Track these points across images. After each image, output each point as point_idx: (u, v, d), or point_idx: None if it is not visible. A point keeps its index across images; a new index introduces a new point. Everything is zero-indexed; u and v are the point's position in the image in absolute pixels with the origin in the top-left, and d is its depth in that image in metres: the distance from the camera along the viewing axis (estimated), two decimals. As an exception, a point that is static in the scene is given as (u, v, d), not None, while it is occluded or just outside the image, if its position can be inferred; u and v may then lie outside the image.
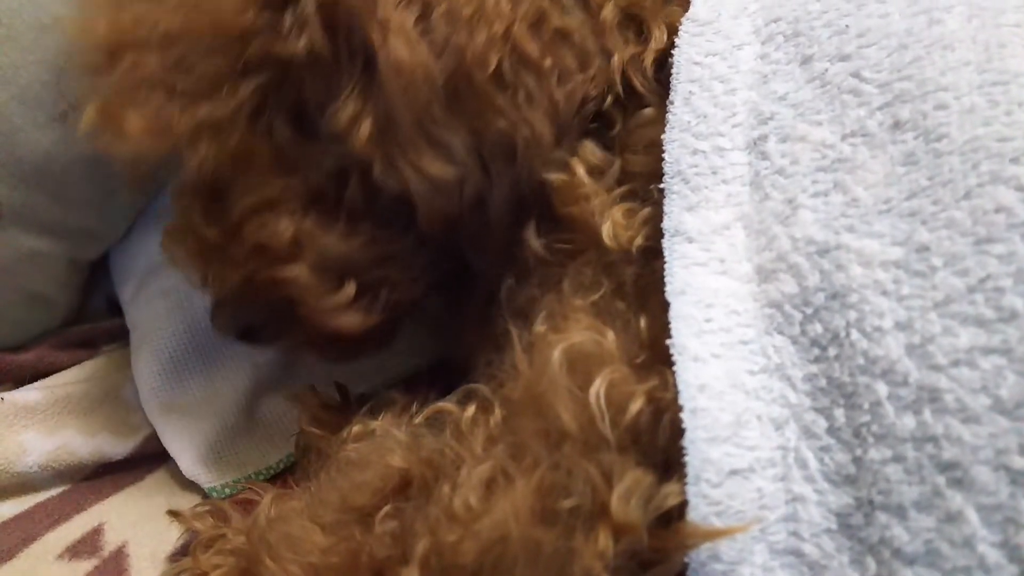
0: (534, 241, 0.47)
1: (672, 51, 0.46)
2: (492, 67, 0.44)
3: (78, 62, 0.51)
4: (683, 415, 0.34)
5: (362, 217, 0.49)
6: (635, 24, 0.49)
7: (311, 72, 0.46)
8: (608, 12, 0.47)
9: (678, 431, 0.35)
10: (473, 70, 0.44)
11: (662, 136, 0.43)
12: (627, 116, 0.48)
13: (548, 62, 0.45)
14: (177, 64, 0.46)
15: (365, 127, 0.45)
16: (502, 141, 0.46)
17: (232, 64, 0.46)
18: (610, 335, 0.39)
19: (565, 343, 0.39)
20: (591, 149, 0.47)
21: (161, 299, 0.62)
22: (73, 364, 0.64)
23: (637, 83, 0.47)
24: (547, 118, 0.46)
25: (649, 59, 0.47)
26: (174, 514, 0.49)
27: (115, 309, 0.68)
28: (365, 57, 0.45)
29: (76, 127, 0.57)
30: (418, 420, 0.48)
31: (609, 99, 0.47)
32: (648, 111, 0.47)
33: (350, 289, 0.50)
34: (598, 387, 0.37)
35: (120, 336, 0.66)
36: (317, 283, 0.49)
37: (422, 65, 0.44)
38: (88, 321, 0.68)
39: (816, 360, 0.35)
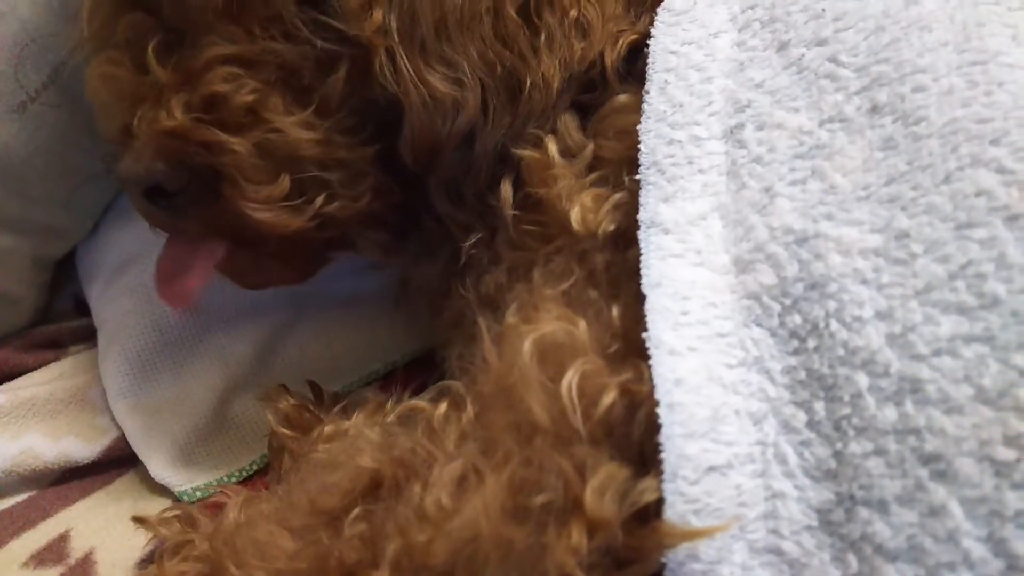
0: (508, 207, 0.47)
1: (648, 39, 0.45)
2: (523, 2, 0.45)
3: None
4: (659, 410, 0.33)
5: (329, 113, 0.47)
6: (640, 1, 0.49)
7: None
8: None
9: (654, 426, 0.33)
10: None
11: (635, 124, 0.43)
12: (603, 98, 0.47)
13: (575, 11, 0.46)
14: None
15: (377, 15, 0.44)
16: (510, 77, 0.46)
17: None
18: (582, 325, 0.38)
19: (535, 334, 0.38)
20: (571, 123, 0.47)
21: (129, 296, 0.61)
22: (39, 366, 0.62)
23: (611, 68, 0.47)
24: (561, 67, 0.46)
25: (625, 43, 0.47)
26: (140, 521, 0.47)
27: (83, 309, 0.66)
28: None
29: (36, 118, 0.56)
30: (390, 419, 0.47)
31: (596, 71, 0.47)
32: (622, 98, 0.46)
33: (284, 184, 0.46)
34: (570, 379, 0.36)
35: (88, 337, 0.64)
36: (254, 164, 0.46)
37: None
38: (55, 321, 0.66)
39: (795, 352, 0.34)
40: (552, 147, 0.46)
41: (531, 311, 0.39)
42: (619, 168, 0.44)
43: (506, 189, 0.47)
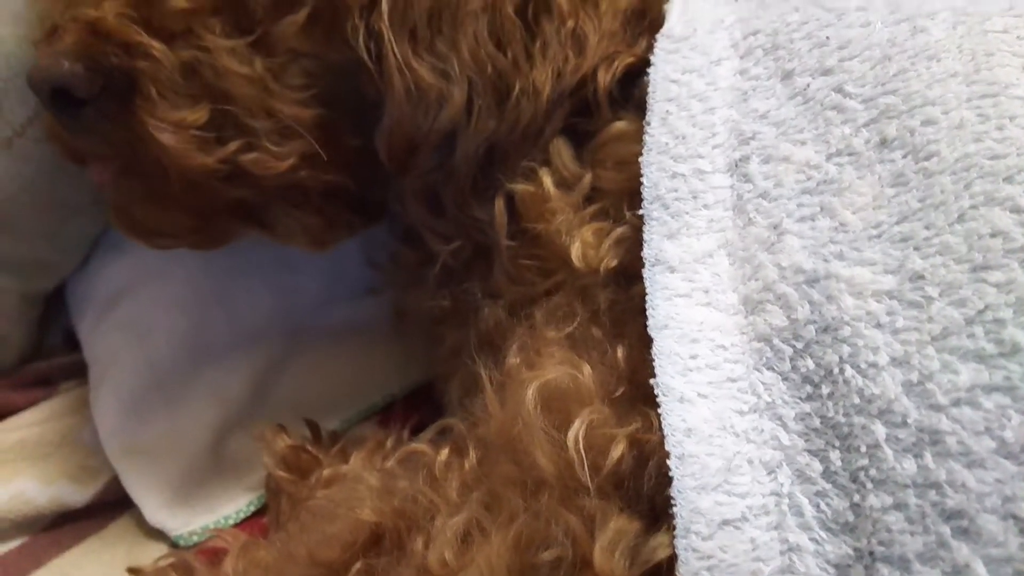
0: (503, 235, 0.45)
1: (645, 64, 0.44)
2: (522, 3, 0.43)
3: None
4: (670, 462, 0.32)
5: (271, 54, 0.44)
6: (640, 20, 0.47)
7: None
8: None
9: (664, 478, 0.32)
10: None
11: (635, 154, 0.41)
12: (598, 124, 0.46)
13: (572, 22, 0.44)
14: None
15: None
16: (499, 80, 0.44)
17: None
18: (586, 369, 0.37)
19: (539, 380, 0.37)
20: (564, 152, 0.45)
21: (120, 332, 0.59)
22: (29, 405, 0.61)
23: (603, 89, 0.45)
24: (552, 78, 0.44)
25: (621, 65, 0.46)
26: (135, 572, 0.46)
27: (73, 342, 0.65)
28: None
29: (22, 154, 0.55)
30: (391, 462, 0.45)
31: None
32: (620, 125, 0.45)
33: (202, 112, 0.43)
34: (577, 430, 0.35)
35: (79, 373, 0.63)
36: (174, 81, 0.42)
37: None
38: (45, 357, 0.65)
39: (809, 398, 0.33)
40: (547, 180, 0.44)
41: (533, 355, 0.38)
42: (619, 200, 0.43)
43: (500, 213, 0.45)
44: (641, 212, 0.40)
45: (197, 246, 0.52)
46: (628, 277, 0.41)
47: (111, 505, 0.56)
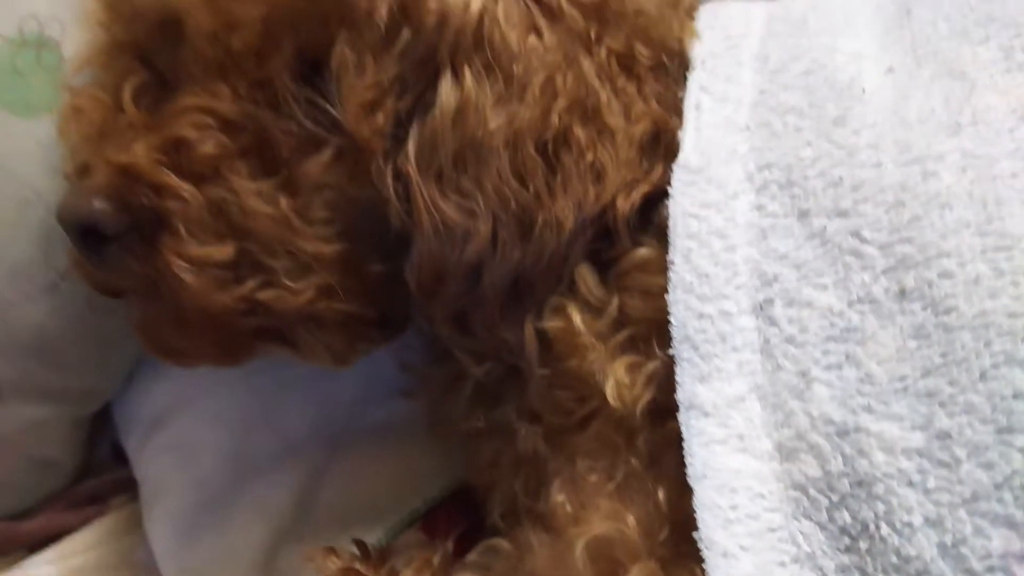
0: (535, 364, 0.46)
1: (662, 192, 0.46)
2: (542, 140, 0.45)
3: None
4: (718, 622, 0.34)
5: (296, 194, 0.45)
6: (655, 148, 0.48)
7: (352, 38, 0.43)
8: (642, 128, 0.47)
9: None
10: (525, 136, 0.44)
11: (659, 285, 0.43)
12: (620, 250, 0.47)
13: (591, 155, 0.46)
14: None
15: (380, 118, 0.44)
16: (523, 213, 0.45)
17: None
18: (631, 520, 0.39)
19: (587, 536, 0.38)
20: (589, 278, 0.47)
21: (167, 453, 0.62)
22: (83, 525, 0.63)
23: (621, 217, 0.47)
24: (574, 209, 0.45)
25: (639, 194, 0.47)
26: None
27: (121, 456, 0.67)
28: (431, 71, 0.44)
29: (67, 295, 0.57)
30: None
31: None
32: (643, 252, 0.46)
33: (227, 250, 0.44)
34: None
35: (129, 487, 0.65)
36: (201, 220, 0.44)
37: (483, 112, 0.43)
38: (94, 472, 0.67)
39: (847, 550, 0.35)
40: (576, 316, 0.45)
41: (579, 508, 0.40)
42: (648, 330, 0.44)
43: (531, 341, 0.47)
44: (671, 352, 0.42)
45: (222, 365, 0.53)
46: (662, 412, 0.43)
47: (171, 628, 0.58)
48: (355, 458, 0.63)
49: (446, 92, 0.43)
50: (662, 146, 0.48)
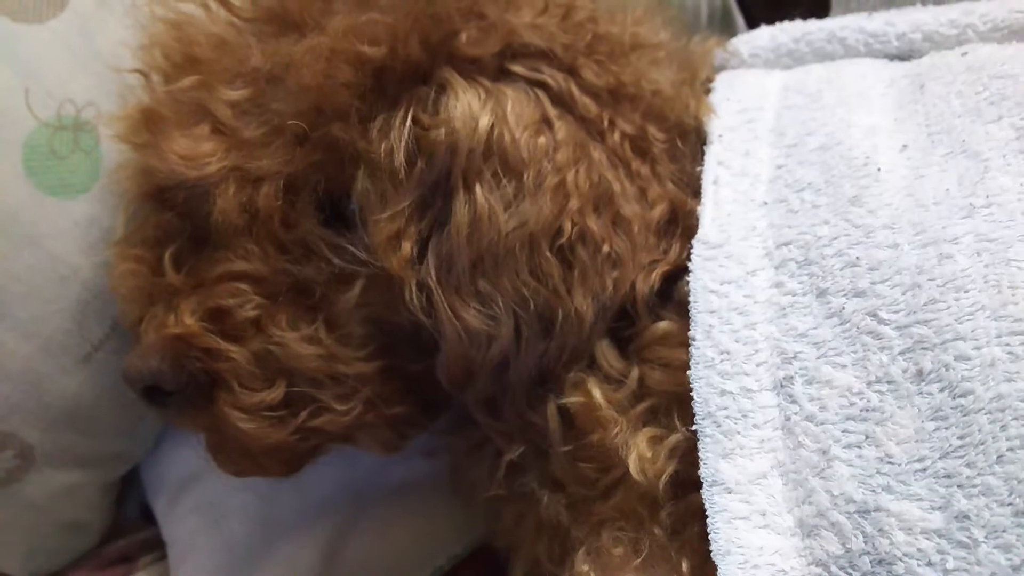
0: (558, 442, 0.47)
1: (682, 269, 0.47)
2: (558, 239, 0.46)
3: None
4: None
5: (336, 328, 0.48)
6: (673, 228, 0.49)
7: (372, 174, 0.46)
8: (659, 211, 0.48)
9: None
10: (540, 237, 0.45)
11: (680, 359, 0.44)
12: (639, 328, 0.48)
13: (607, 247, 0.47)
14: (247, 102, 0.46)
15: (406, 247, 0.45)
16: (543, 310, 0.46)
17: (300, 130, 0.45)
18: None
19: None
20: (609, 353, 0.48)
21: (195, 515, 0.63)
22: (112, 584, 0.64)
23: (641, 299, 0.48)
24: (593, 300, 0.47)
25: (659, 275, 0.48)
26: None
27: (148, 515, 0.68)
28: (446, 190, 0.46)
29: (101, 365, 0.59)
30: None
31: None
32: (663, 325, 0.47)
33: (278, 392, 0.47)
34: None
35: (157, 546, 0.66)
36: (251, 372, 0.47)
37: (496, 219, 0.45)
38: (122, 532, 0.68)
39: (871, 629, 0.36)
40: (596, 391, 0.46)
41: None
42: (668, 403, 0.45)
43: (553, 419, 0.48)
44: (694, 428, 0.43)
45: (291, 475, 0.55)
46: (685, 484, 0.44)
47: None
48: (380, 516, 0.64)
49: (460, 209, 0.45)
50: (680, 225, 0.49)
